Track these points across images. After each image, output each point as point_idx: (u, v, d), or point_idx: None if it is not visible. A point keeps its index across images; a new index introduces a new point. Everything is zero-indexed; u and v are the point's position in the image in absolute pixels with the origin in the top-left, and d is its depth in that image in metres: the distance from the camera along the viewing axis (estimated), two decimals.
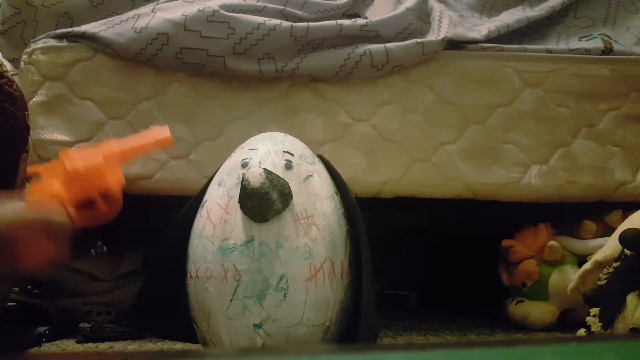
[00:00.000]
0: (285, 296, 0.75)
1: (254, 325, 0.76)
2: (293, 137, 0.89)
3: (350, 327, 0.83)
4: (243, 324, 0.76)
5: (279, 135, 0.88)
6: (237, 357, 0.42)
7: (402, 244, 1.51)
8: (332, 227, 0.81)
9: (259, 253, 0.76)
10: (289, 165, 0.81)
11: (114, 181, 0.72)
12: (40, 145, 1.10)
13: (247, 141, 0.88)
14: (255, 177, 0.76)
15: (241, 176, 0.79)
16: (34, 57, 1.12)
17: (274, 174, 0.78)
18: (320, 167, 0.86)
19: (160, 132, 0.78)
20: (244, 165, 0.82)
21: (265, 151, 0.83)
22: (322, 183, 0.83)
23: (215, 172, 0.87)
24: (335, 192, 0.85)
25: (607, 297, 0.78)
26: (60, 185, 0.68)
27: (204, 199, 0.84)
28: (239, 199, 0.77)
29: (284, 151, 0.83)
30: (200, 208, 0.84)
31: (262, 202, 0.76)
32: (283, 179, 0.78)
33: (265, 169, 0.78)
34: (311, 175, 0.82)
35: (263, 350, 0.70)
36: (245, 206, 0.77)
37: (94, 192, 0.70)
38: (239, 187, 0.77)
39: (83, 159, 0.71)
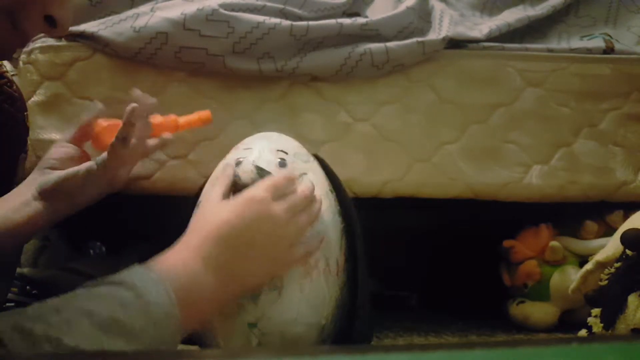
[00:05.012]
0: (279, 294, 0.75)
1: (249, 324, 0.75)
2: (287, 136, 0.89)
3: (345, 325, 0.83)
4: (238, 323, 0.75)
5: (273, 135, 0.88)
6: (233, 357, 0.41)
7: (403, 244, 1.50)
8: (327, 225, 0.80)
9: None
10: (282, 163, 0.81)
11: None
12: (39, 145, 1.09)
13: (242, 141, 0.88)
14: (246, 173, 0.76)
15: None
16: (32, 56, 1.12)
17: (266, 170, 0.78)
18: (314, 165, 0.86)
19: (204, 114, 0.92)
20: (238, 164, 0.81)
21: (260, 150, 0.82)
22: (316, 181, 0.83)
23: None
24: (330, 190, 0.85)
25: (609, 297, 0.77)
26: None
27: (199, 199, 0.84)
28: (230, 195, 0.77)
29: (277, 149, 0.83)
30: (195, 208, 0.83)
31: None
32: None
33: (256, 166, 0.77)
34: (305, 174, 0.82)
35: (259, 349, 0.69)
36: None
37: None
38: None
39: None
